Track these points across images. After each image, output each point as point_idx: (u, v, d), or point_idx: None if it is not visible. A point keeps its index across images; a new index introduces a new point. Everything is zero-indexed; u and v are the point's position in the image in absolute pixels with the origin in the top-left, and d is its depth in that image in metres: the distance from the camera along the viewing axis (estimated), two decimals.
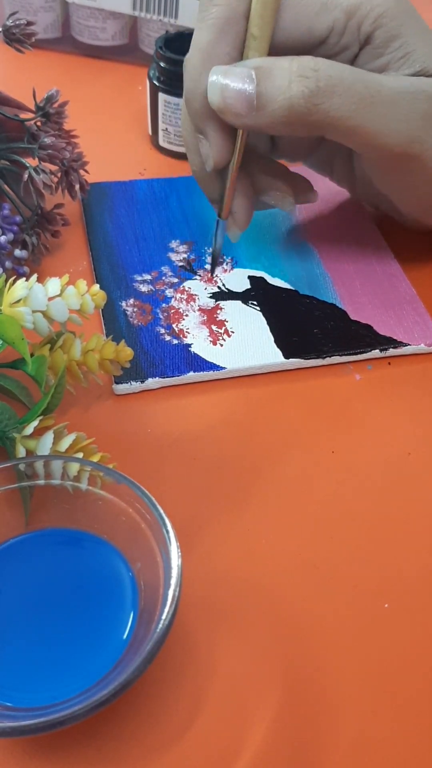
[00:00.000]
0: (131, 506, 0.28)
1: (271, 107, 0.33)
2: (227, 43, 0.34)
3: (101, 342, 0.35)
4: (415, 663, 0.29)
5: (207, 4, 0.34)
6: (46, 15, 0.62)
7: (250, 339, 0.40)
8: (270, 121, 0.34)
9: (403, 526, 0.33)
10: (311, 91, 0.33)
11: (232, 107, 0.33)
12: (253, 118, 0.34)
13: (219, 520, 0.33)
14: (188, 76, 0.35)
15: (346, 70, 0.34)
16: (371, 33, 0.35)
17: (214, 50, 0.34)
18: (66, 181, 0.43)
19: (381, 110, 0.34)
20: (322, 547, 0.32)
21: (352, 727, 0.27)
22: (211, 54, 0.34)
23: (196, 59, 0.34)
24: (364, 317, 0.41)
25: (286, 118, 0.34)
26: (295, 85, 0.33)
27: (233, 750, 0.26)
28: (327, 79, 0.33)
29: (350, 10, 0.34)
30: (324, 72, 0.33)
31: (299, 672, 0.28)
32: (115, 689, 0.23)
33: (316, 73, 0.33)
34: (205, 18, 0.34)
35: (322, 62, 0.33)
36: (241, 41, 0.34)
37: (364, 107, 0.34)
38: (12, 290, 0.32)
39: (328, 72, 0.33)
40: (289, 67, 0.33)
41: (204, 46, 0.34)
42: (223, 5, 0.33)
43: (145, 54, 0.62)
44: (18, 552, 0.29)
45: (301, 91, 0.33)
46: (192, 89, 0.35)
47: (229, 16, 0.33)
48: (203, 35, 0.34)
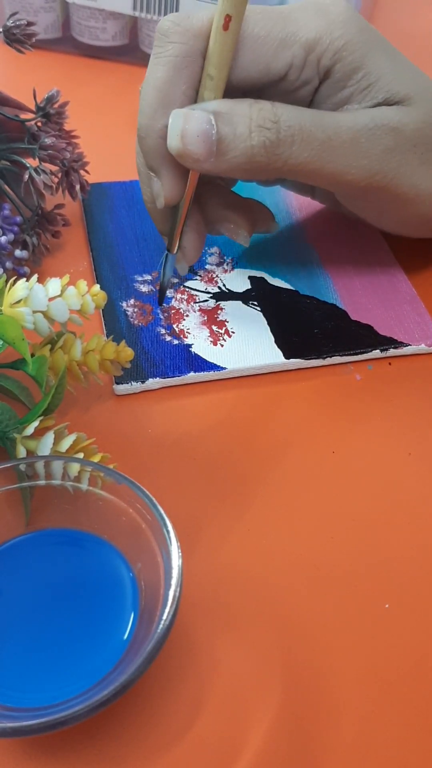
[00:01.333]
0: (132, 506, 0.28)
1: (232, 154, 0.33)
2: (183, 81, 0.33)
3: (102, 342, 0.35)
4: (416, 663, 0.29)
5: (162, 40, 0.33)
6: (47, 15, 0.62)
7: (250, 339, 0.40)
8: (229, 168, 0.33)
9: (403, 526, 0.33)
10: (271, 142, 0.33)
11: (191, 152, 0.32)
12: (211, 164, 0.33)
13: (219, 520, 0.33)
14: (142, 113, 0.34)
15: (305, 117, 0.33)
16: (331, 67, 0.34)
17: (169, 89, 0.33)
18: (66, 182, 0.43)
19: (341, 151, 0.34)
20: (322, 547, 0.32)
21: (353, 727, 0.27)
22: (166, 92, 0.33)
23: (150, 97, 0.33)
24: (364, 317, 0.41)
25: (246, 165, 0.33)
26: (256, 135, 0.32)
27: (233, 750, 0.26)
28: (287, 130, 0.33)
29: (309, 45, 0.34)
30: (284, 123, 0.33)
31: (299, 672, 0.28)
32: (116, 690, 0.23)
33: (275, 125, 0.32)
34: (160, 54, 0.33)
35: (282, 110, 0.33)
36: (197, 80, 0.33)
37: (323, 151, 0.33)
38: (12, 290, 0.32)
39: (288, 122, 0.33)
40: (249, 114, 0.32)
41: (159, 84, 0.33)
42: (179, 43, 0.32)
43: (146, 54, 0.62)
44: (18, 552, 0.29)
45: (261, 141, 0.32)
46: (145, 127, 0.34)
47: (185, 54, 0.32)
48: (158, 72, 0.33)
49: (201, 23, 0.32)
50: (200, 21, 0.32)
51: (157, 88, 0.33)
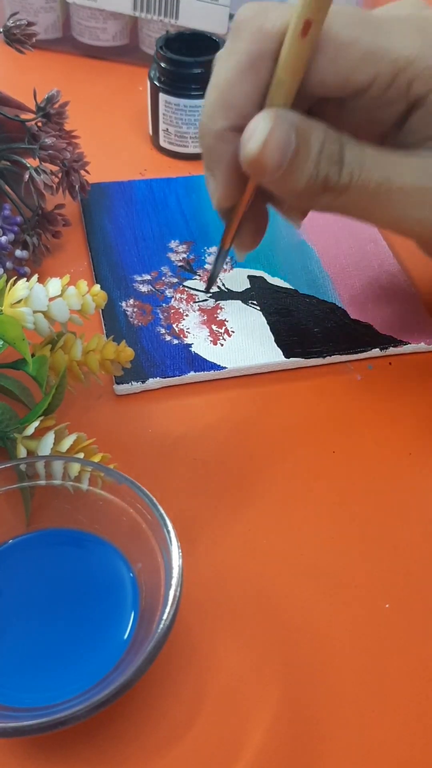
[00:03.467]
0: (132, 506, 0.28)
1: (298, 175, 0.30)
2: (248, 83, 0.30)
3: (102, 342, 0.35)
4: (416, 663, 0.29)
5: (235, 35, 0.30)
6: (47, 15, 0.62)
7: (250, 338, 0.40)
8: (287, 188, 0.31)
9: (403, 526, 0.33)
10: (332, 179, 0.30)
11: (265, 161, 0.29)
12: (275, 179, 0.30)
13: (220, 520, 0.33)
14: (203, 111, 0.32)
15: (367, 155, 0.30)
16: (425, 96, 0.30)
17: (233, 89, 0.31)
18: (67, 182, 0.43)
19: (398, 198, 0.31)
20: (322, 547, 0.32)
21: (352, 727, 0.27)
22: (228, 93, 0.31)
23: (212, 96, 0.31)
24: (364, 316, 0.41)
25: (303, 192, 0.31)
26: (323, 166, 0.30)
27: (233, 750, 0.26)
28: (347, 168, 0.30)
29: (400, 65, 0.30)
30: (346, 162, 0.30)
31: (299, 672, 0.28)
32: (116, 689, 0.23)
33: (340, 162, 0.30)
34: (230, 51, 0.31)
35: (348, 147, 0.30)
36: (263, 82, 0.30)
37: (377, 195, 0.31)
38: (13, 291, 0.32)
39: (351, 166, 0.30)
40: (323, 140, 0.30)
41: (222, 83, 0.31)
42: (250, 42, 0.30)
43: (146, 54, 0.62)
44: (19, 552, 0.29)
45: (324, 174, 0.30)
46: (204, 126, 0.32)
47: (254, 54, 0.30)
48: (224, 71, 0.31)
49: (278, 22, 0.29)
50: (278, 19, 0.29)
51: (220, 87, 0.31)
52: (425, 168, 0.31)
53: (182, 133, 0.52)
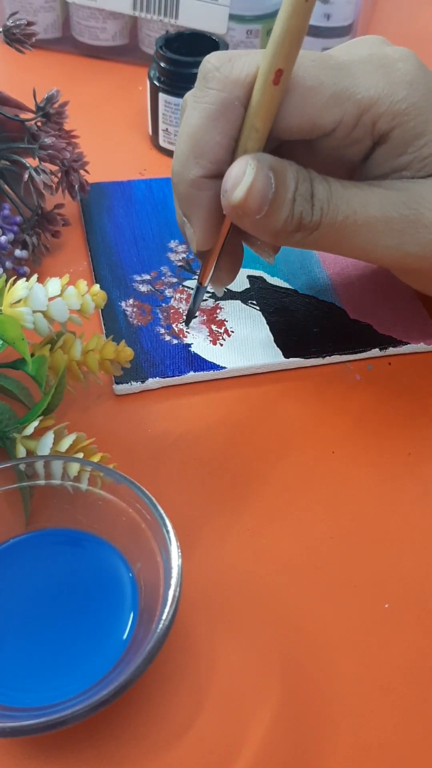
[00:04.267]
0: (131, 506, 0.28)
1: (276, 216, 0.31)
2: (218, 131, 0.31)
3: (101, 342, 0.35)
4: (415, 663, 0.29)
5: (202, 86, 0.31)
6: (47, 15, 0.62)
7: (249, 338, 0.40)
8: (266, 229, 0.32)
9: (403, 526, 0.33)
10: (306, 215, 0.31)
11: (248, 207, 0.30)
12: (254, 221, 0.31)
13: (219, 520, 0.33)
14: (176, 160, 0.33)
15: (335, 189, 0.31)
16: (389, 132, 0.31)
17: (203, 138, 0.31)
18: (66, 182, 0.43)
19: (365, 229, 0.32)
20: (322, 547, 0.32)
21: (352, 727, 0.27)
22: (199, 141, 0.31)
23: (184, 145, 0.32)
24: (363, 316, 0.41)
25: (279, 231, 0.32)
26: (298, 204, 0.31)
27: (233, 750, 0.26)
28: (317, 203, 0.31)
29: (364, 105, 0.30)
30: (316, 197, 0.31)
31: (299, 672, 0.28)
32: (116, 689, 0.23)
33: (311, 198, 0.31)
34: (198, 100, 0.31)
35: (317, 183, 0.31)
36: (234, 129, 0.31)
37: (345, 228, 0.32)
38: (12, 290, 0.32)
39: (319, 197, 0.31)
40: (296, 178, 0.31)
41: (193, 131, 0.31)
42: (218, 90, 0.30)
43: (146, 54, 0.62)
44: (18, 552, 0.29)
45: (299, 211, 0.31)
46: (178, 174, 0.33)
47: (223, 103, 0.30)
48: (194, 119, 0.31)
49: (245, 72, 0.30)
50: (244, 68, 0.30)
51: (192, 135, 0.31)
52: (389, 198, 0.32)
53: None
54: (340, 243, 0.32)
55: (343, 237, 0.32)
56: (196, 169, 0.32)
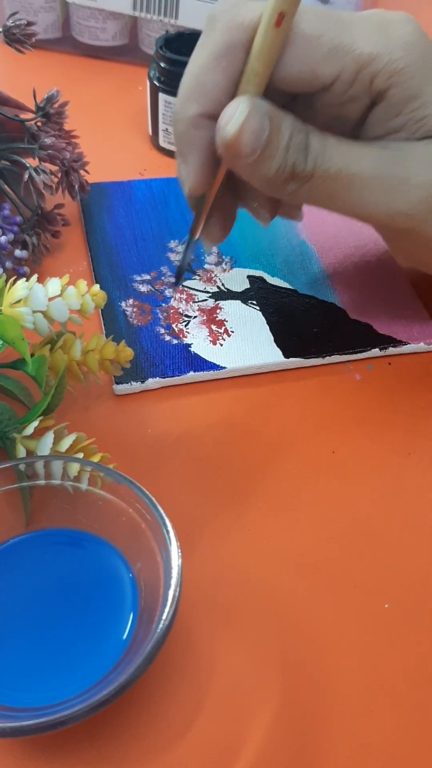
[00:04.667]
0: (131, 506, 0.28)
1: (269, 162, 0.31)
2: (220, 71, 0.31)
3: (101, 342, 0.35)
4: (415, 663, 0.29)
5: (209, 27, 0.32)
6: (47, 15, 0.62)
7: (249, 338, 0.40)
8: (258, 174, 0.32)
9: (403, 526, 0.33)
10: (299, 166, 0.32)
11: (240, 146, 0.31)
12: (247, 165, 0.32)
13: (219, 520, 0.33)
14: (178, 98, 0.33)
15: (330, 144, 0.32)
16: (385, 90, 0.32)
17: (206, 77, 0.32)
18: (66, 182, 0.43)
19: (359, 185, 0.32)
20: (322, 547, 0.32)
21: (352, 727, 0.27)
22: (202, 81, 0.32)
23: (186, 83, 0.32)
24: (363, 316, 0.41)
25: (272, 178, 0.32)
26: (292, 153, 0.31)
27: (233, 750, 0.26)
28: (314, 164, 0.32)
29: (362, 61, 0.31)
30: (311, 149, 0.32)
31: (299, 672, 0.28)
32: (116, 689, 0.23)
33: (306, 149, 0.32)
34: (204, 41, 0.32)
35: (315, 141, 0.32)
36: (236, 72, 0.31)
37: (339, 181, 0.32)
38: (12, 290, 0.32)
39: (315, 154, 0.32)
40: (292, 128, 0.31)
41: (197, 70, 0.32)
42: (224, 32, 0.31)
43: (146, 54, 0.62)
44: (18, 552, 0.29)
45: (293, 161, 0.31)
46: (177, 112, 0.33)
47: (228, 44, 0.31)
48: (198, 59, 0.32)
49: (250, 15, 0.31)
50: (250, 12, 0.31)
51: (194, 75, 0.32)
52: (382, 157, 0.32)
53: None
54: (331, 197, 0.33)
55: (335, 191, 0.33)
56: (196, 107, 0.32)
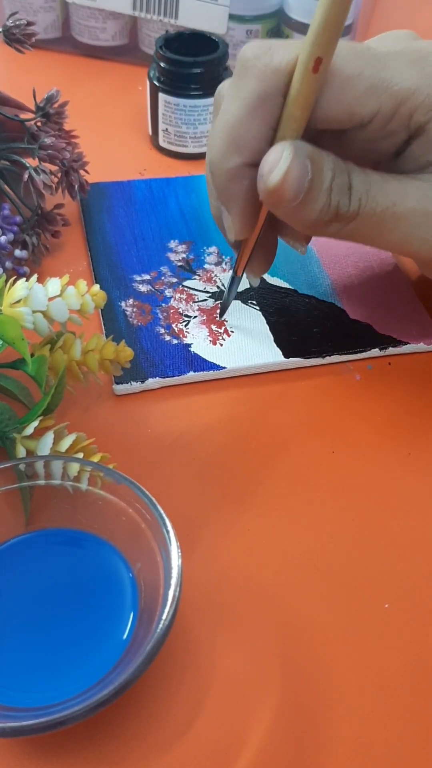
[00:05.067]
0: (131, 506, 0.28)
1: (312, 205, 0.31)
2: (258, 122, 0.31)
3: (101, 342, 0.35)
4: (415, 663, 0.29)
5: (241, 74, 0.31)
6: (46, 15, 0.62)
7: (249, 338, 0.40)
8: (301, 217, 0.32)
9: (403, 526, 0.33)
10: (342, 206, 0.31)
11: (284, 193, 0.31)
12: (290, 209, 0.31)
13: (219, 520, 0.33)
14: (213, 150, 0.33)
15: (373, 181, 0.32)
16: (425, 124, 0.31)
17: (243, 129, 0.31)
18: (66, 182, 0.43)
19: (404, 222, 0.32)
20: (322, 547, 0.32)
21: (352, 727, 0.27)
22: (239, 133, 0.31)
23: (223, 135, 0.32)
24: (363, 316, 0.41)
25: (315, 221, 0.32)
26: (334, 194, 0.31)
27: (233, 750, 0.26)
28: (355, 195, 0.31)
29: (401, 96, 0.31)
30: (354, 188, 0.31)
31: (299, 672, 0.28)
32: (116, 689, 0.23)
33: (349, 189, 0.31)
34: (238, 89, 0.31)
35: (355, 174, 0.31)
36: (273, 119, 0.31)
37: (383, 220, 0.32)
38: (12, 290, 0.32)
39: (357, 188, 0.31)
40: (333, 168, 0.31)
41: (234, 122, 0.31)
42: (258, 80, 0.30)
43: (146, 54, 0.62)
44: (18, 552, 0.29)
45: (336, 202, 0.31)
46: (216, 164, 0.33)
47: (263, 93, 0.30)
48: (234, 110, 0.31)
49: (285, 60, 0.30)
50: (284, 57, 0.30)
51: (231, 126, 0.32)
52: (428, 191, 0.32)
53: (182, 133, 0.52)
54: (376, 235, 0.33)
55: (381, 229, 0.32)
56: (236, 159, 0.32)
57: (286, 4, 0.58)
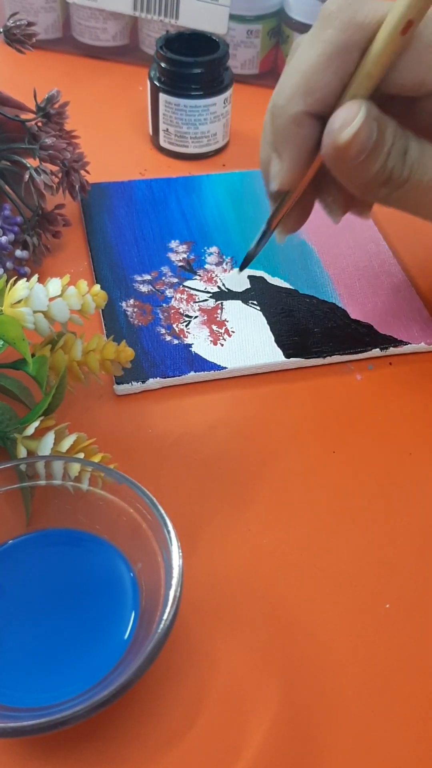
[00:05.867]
0: (132, 506, 0.28)
1: (372, 166, 0.31)
2: (332, 71, 0.31)
3: (102, 342, 0.35)
4: (415, 663, 0.29)
5: (323, 23, 0.31)
6: (47, 15, 0.62)
7: (250, 339, 0.40)
8: (359, 177, 0.32)
9: (403, 526, 0.33)
10: (397, 172, 0.32)
11: (349, 150, 0.31)
12: (351, 167, 0.31)
13: (220, 520, 0.33)
14: (281, 93, 0.33)
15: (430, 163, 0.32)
16: None
17: (316, 76, 0.31)
18: (67, 182, 0.43)
19: None
20: (322, 547, 0.32)
21: (352, 727, 0.27)
22: (311, 79, 0.31)
23: (294, 79, 0.32)
24: (364, 316, 0.41)
25: (372, 182, 0.32)
26: (392, 158, 0.31)
27: (233, 750, 0.26)
28: (409, 171, 0.31)
29: None
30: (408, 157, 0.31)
31: (299, 672, 0.28)
32: (116, 690, 0.23)
33: (404, 156, 0.31)
34: (317, 38, 0.31)
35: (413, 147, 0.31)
36: (346, 72, 0.31)
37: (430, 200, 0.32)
38: (13, 291, 0.32)
39: (411, 160, 0.31)
40: (394, 134, 0.31)
41: (306, 68, 0.31)
42: (339, 30, 0.30)
43: (146, 54, 0.62)
44: (19, 552, 0.29)
45: (391, 166, 0.31)
46: (281, 108, 0.32)
47: (342, 44, 0.30)
48: (310, 56, 0.31)
49: (370, 15, 0.30)
50: (369, 13, 0.30)
51: (304, 72, 0.31)
52: None
53: (182, 133, 0.52)
54: (421, 204, 0.33)
55: (426, 199, 0.33)
56: (301, 105, 0.32)
57: (286, 4, 0.58)
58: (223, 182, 0.50)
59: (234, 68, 0.59)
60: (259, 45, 0.59)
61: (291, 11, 0.57)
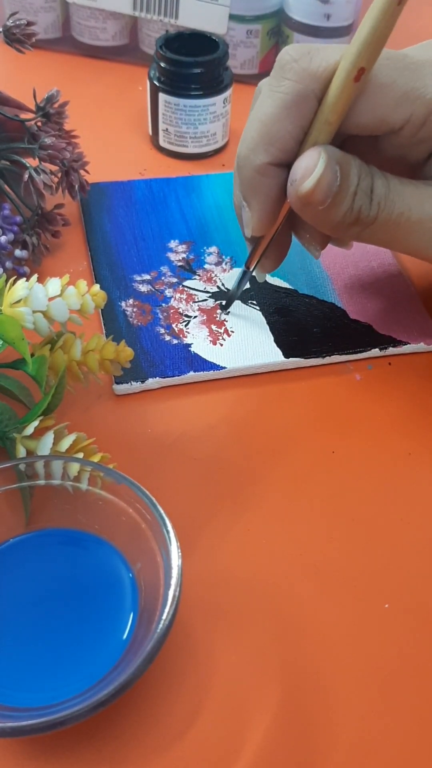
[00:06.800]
0: (131, 506, 0.28)
1: (338, 209, 0.32)
2: (290, 121, 0.32)
3: (101, 342, 0.35)
4: (415, 663, 0.29)
5: (279, 75, 0.32)
6: (47, 15, 0.62)
7: (249, 338, 0.40)
8: (327, 220, 0.32)
9: (403, 526, 0.33)
10: (364, 211, 0.32)
11: (314, 197, 0.31)
12: (317, 212, 0.32)
13: (219, 520, 0.33)
14: (244, 143, 0.33)
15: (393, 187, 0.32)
16: None
17: (275, 126, 0.32)
18: (66, 182, 0.43)
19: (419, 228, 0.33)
20: (322, 547, 0.32)
21: (352, 727, 0.27)
22: (271, 129, 0.32)
23: (254, 130, 0.33)
24: (363, 316, 0.41)
25: (338, 223, 0.32)
26: (358, 198, 0.32)
27: (233, 750, 0.26)
28: (376, 199, 0.32)
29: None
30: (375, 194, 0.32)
31: (299, 672, 0.28)
32: (116, 689, 0.23)
33: (371, 194, 0.32)
34: (274, 88, 0.32)
35: (377, 180, 0.32)
36: (305, 120, 0.32)
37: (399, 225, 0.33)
38: (12, 290, 0.32)
39: (378, 193, 0.32)
40: (359, 174, 0.32)
41: (266, 119, 0.32)
42: (295, 81, 0.31)
43: (146, 54, 0.62)
44: (18, 552, 0.29)
45: (359, 206, 0.32)
46: (244, 158, 0.33)
47: (299, 94, 0.31)
48: (268, 107, 0.32)
49: (323, 66, 0.31)
50: (322, 62, 0.31)
51: (264, 123, 0.32)
52: None
53: (182, 133, 0.51)
54: (393, 239, 0.33)
55: (397, 234, 0.33)
56: (264, 156, 0.33)
57: (286, 4, 0.58)
58: (222, 182, 0.50)
59: (234, 68, 0.59)
60: (258, 45, 0.59)
61: (290, 11, 0.57)
